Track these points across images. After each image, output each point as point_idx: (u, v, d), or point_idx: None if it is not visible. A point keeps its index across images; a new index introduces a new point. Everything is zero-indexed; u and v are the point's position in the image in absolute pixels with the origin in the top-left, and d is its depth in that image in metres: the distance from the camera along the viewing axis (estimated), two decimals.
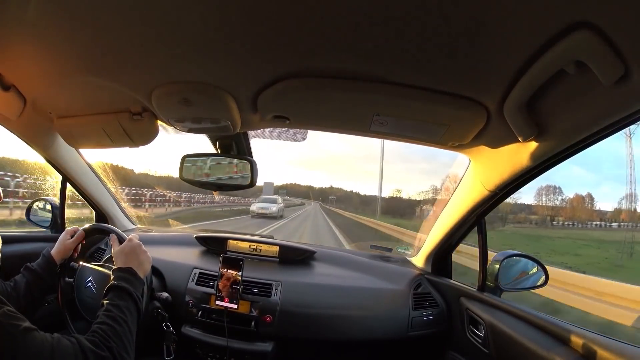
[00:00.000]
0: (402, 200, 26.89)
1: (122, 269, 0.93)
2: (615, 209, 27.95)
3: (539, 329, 0.95)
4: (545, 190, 29.98)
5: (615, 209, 27.78)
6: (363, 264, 1.55)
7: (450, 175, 1.36)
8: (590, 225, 25.46)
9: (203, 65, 0.73)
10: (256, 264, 1.48)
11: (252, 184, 1.15)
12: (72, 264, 1.17)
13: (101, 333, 0.73)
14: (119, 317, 0.79)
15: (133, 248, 1.00)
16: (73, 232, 1.17)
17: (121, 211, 1.76)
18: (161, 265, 1.34)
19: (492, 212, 1.21)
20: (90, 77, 0.82)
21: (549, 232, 22.80)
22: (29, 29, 0.68)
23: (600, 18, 0.48)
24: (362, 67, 0.69)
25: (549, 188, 30.09)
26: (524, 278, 1.25)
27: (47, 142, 1.25)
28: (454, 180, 1.27)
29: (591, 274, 6.27)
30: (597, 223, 25.56)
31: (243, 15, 0.57)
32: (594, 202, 28.90)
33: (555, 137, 0.76)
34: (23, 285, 1.02)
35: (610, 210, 28.89)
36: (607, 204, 53.69)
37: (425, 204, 23.68)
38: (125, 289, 0.86)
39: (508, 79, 0.66)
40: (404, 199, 27.98)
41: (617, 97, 0.59)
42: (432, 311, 1.34)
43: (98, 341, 0.71)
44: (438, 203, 1.49)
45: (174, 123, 0.99)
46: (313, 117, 0.94)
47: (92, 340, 0.70)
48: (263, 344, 1.23)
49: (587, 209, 28.17)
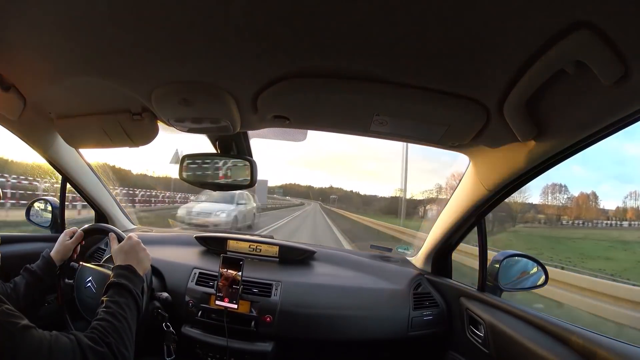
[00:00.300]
0: (420, 201, 24.27)
1: (122, 266, 0.93)
2: (618, 207, 27.26)
3: (539, 329, 0.95)
4: (551, 188, 29.04)
5: (618, 207, 27.11)
6: (363, 264, 1.55)
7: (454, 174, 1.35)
8: (600, 224, 24.39)
9: (203, 65, 0.73)
10: (256, 264, 1.48)
11: (252, 183, 1.15)
12: (72, 264, 1.17)
13: (100, 329, 0.73)
14: (118, 313, 0.79)
15: (132, 246, 1.00)
16: (72, 232, 1.17)
17: (121, 211, 1.76)
18: (161, 265, 1.34)
19: (501, 212, 1.21)
20: (90, 77, 0.82)
21: (565, 232, 20.79)
22: (28, 29, 0.68)
23: (600, 18, 0.48)
24: (362, 67, 0.69)
25: (554, 186, 29.01)
26: (524, 278, 1.25)
27: (47, 142, 1.25)
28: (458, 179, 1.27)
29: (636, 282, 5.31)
30: (607, 222, 24.66)
31: (243, 16, 0.57)
32: (597, 201, 28.14)
33: (555, 137, 0.76)
34: (23, 286, 1.02)
35: (612, 208, 28.30)
36: (610, 202, 52.40)
37: None
38: (125, 286, 0.86)
39: (508, 79, 0.66)
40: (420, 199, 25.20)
41: (617, 97, 0.59)
42: (432, 311, 1.34)
43: (97, 337, 0.71)
44: (440, 203, 1.49)
45: (174, 123, 0.99)
46: (313, 117, 0.94)
47: (90, 337, 0.70)
48: (263, 344, 1.23)
49: (593, 207, 27.40)
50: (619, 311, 3.75)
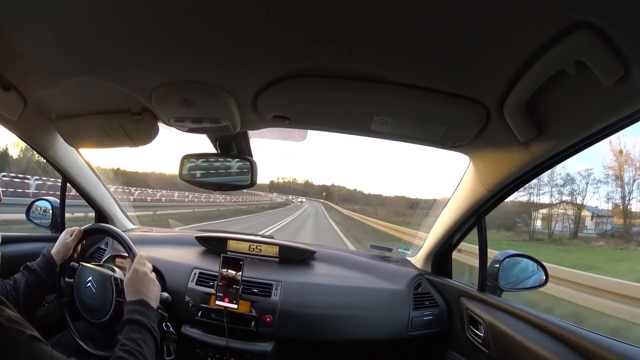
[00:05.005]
0: None
1: (134, 301, 0.91)
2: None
3: (539, 329, 0.95)
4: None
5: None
6: (363, 264, 1.55)
7: None
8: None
9: (203, 65, 0.73)
10: (256, 264, 1.48)
11: (252, 183, 1.15)
12: (72, 264, 1.17)
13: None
14: (134, 350, 0.78)
15: (141, 279, 0.98)
16: (72, 232, 1.17)
17: (121, 211, 1.76)
18: (161, 265, 1.34)
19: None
20: (90, 77, 0.82)
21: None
22: (29, 29, 0.68)
23: (600, 18, 0.48)
24: (362, 67, 0.69)
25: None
26: (524, 278, 1.25)
27: (47, 142, 1.25)
28: None
29: None
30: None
31: (243, 16, 0.57)
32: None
33: (555, 137, 0.76)
34: (23, 284, 1.02)
35: None
36: None
37: None
38: (139, 322, 0.85)
39: (508, 79, 0.66)
40: None
41: (617, 97, 0.59)
42: (432, 311, 1.34)
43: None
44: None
45: (174, 123, 0.99)
46: (313, 117, 0.94)
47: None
48: (263, 344, 1.23)
49: None
50: None
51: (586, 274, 3.87)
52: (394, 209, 30.63)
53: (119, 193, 1.70)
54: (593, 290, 3.47)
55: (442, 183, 26.08)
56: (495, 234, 13.70)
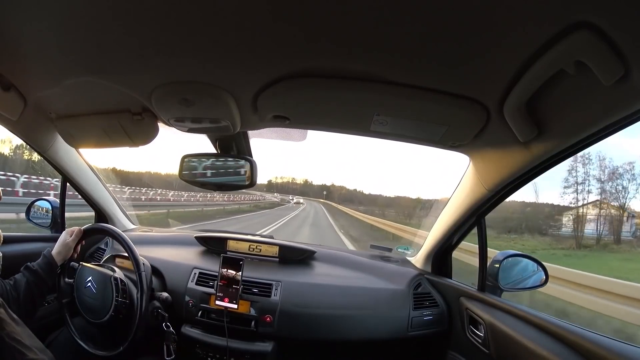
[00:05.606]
0: None
1: None
2: None
3: (539, 329, 0.95)
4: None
5: None
6: (363, 264, 1.55)
7: None
8: None
9: (203, 65, 0.73)
10: (256, 264, 1.48)
11: (252, 183, 1.15)
12: (72, 264, 1.17)
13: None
14: None
15: None
16: (72, 232, 1.17)
17: (121, 211, 1.76)
18: (161, 265, 1.34)
19: None
20: (90, 77, 0.82)
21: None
22: (29, 29, 0.68)
23: (600, 18, 0.48)
24: (362, 67, 0.69)
25: None
26: (524, 278, 1.25)
27: (47, 142, 1.25)
28: None
29: None
30: None
31: (243, 16, 0.57)
32: None
33: (555, 137, 0.76)
34: (23, 284, 1.02)
35: None
36: None
37: None
38: None
39: (508, 79, 0.66)
40: None
41: (617, 97, 0.59)
42: (432, 311, 1.34)
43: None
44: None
45: (174, 123, 0.99)
46: (313, 117, 0.94)
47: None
48: (263, 344, 1.23)
49: None
50: None
51: None
52: (406, 210, 25.82)
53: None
54: None
55: (443, 183, 24.65)
56: (530, 240, 12.57)
